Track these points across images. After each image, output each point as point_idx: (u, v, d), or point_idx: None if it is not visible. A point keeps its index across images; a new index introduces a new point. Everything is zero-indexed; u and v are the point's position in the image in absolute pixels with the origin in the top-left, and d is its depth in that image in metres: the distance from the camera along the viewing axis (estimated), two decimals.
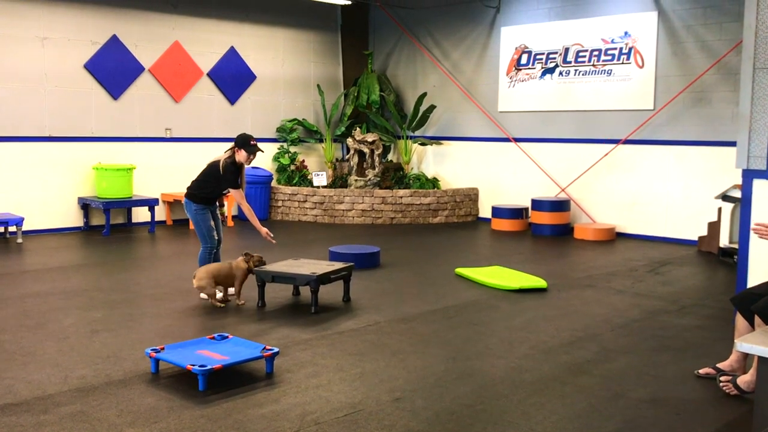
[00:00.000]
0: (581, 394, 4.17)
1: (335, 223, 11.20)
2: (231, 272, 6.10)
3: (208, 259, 6.40)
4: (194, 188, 6.42)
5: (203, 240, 6.41)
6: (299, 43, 12.54)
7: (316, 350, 4.91)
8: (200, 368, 4.11)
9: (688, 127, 9.64)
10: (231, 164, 6.30)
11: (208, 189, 6.39)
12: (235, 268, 6.11)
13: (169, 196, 10.80)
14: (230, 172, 6.29)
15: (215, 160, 6.42)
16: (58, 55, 9.86)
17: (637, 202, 10.16)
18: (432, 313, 5.94)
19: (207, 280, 5.96)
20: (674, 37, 9.71)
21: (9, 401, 3.95)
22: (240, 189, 6.38)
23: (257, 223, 6.43)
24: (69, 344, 4.97)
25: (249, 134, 6.39)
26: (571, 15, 10.70)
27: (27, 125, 9.68)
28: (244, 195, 6.46)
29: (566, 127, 10.85)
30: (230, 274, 6.09)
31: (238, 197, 6.39)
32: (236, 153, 6.31)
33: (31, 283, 6.85)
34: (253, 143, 6.30)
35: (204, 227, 6.39)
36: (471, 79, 11.99)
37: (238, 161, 6.32)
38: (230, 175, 6.29)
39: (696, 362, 4.75)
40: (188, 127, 11.21)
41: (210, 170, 6.39)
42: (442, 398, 4.08)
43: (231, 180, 6.31)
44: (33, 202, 9.73)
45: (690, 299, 6.58)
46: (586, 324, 5.68)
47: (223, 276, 6.07)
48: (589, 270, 7.87)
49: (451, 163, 12.32)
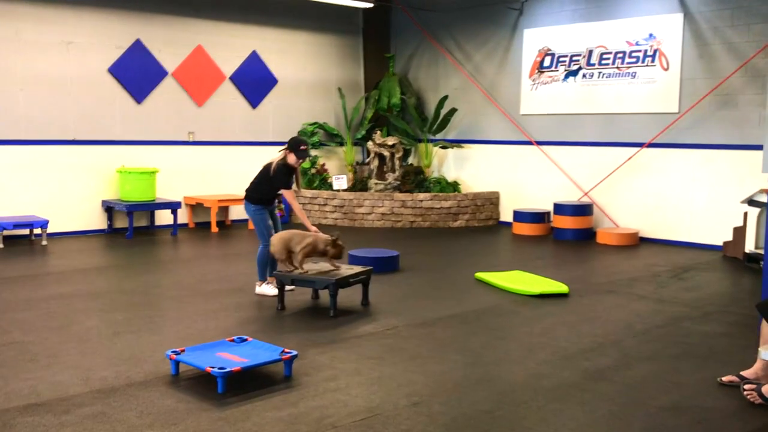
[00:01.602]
0: (601, 401, 4.13)
1: (355, 226, 11.22)
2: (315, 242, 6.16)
3: (266, 255, 6.59)
4: (251, 190, 6.67)
5: (261, 238, 6.61)
6: (321, 46, 12.58)
7: (334, 354, 4.91)
8: (219, 370, 4.13)
9: (713, 130, 9.52)
10: (282, 166, 6.55)
11: (263, 190, 6.63)
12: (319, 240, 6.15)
13: (191, 199, 10.88)
14: (282, 174, 6.53)
15: (269, 162, 6.65)
16: (83, 60, 9.99)
17: (661, 207, 10.05)
18: (451, 318, 5.92)
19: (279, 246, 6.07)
20: (700, 39, 9.60)
21: (32, 401, 3.99)
22: (291, 189, 6.59)
23: (307, 221, 6.53)
24: (91, 346, 5.02)
25: (301, 138, 6.73)
26: (595, 17, 10.62)
27: (52, 129, 9.80)
28: (294, 195, 6.65)
29: (589, 130, 10.77)
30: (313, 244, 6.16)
31: (289, 197, 6.59)
32: (287, 156, 6.56)
33: (55, 285, 6.93)
34: (303, 148, 6.56)
35: (262, 226, 6.60)
36: (493, 82, 11.95)
37: (290, 164, 6.56)
38: (281, 176, 6.54)
39: (719, 370, 4.67)
40: (210, 130, 11.29)
41: (263, 172, 6.65)
42: (460, 403, 4.06)
43: (282, 181, 6.55)
44: (58, 204, 9.86)
45: (714, 305, 6.49)
46: (608, 330, 5.62)
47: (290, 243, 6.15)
48: (611, 275, 7.80)
49: (472, 166, 12.28)
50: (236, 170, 11.52)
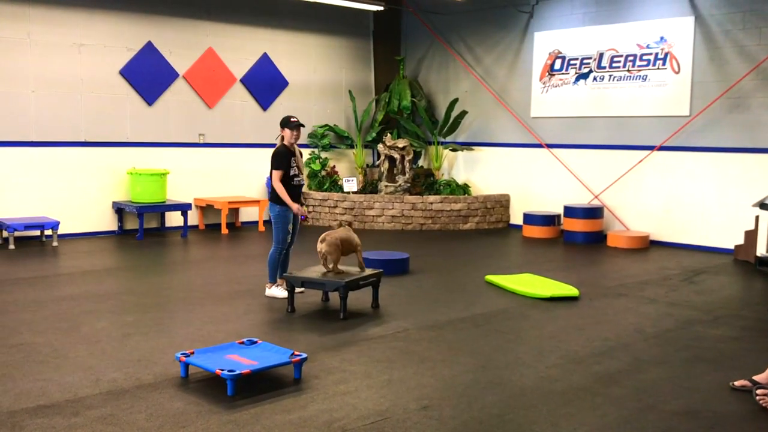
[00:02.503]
0: (612, 406, 4.10)
1: (365, 228, 11.21)
2: (350, 239, 6.23)
3: (278, 259, 6.62)
4: (272, 191, 6.66)
5: (276, 241, 6.61)
6: (331, 49, 12.59)
7: (344, 356, 4.90)
8: (229, 373, 4.13)
9: (724, 133, 9.47)
10: (280, 147, 6.58)
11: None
12: (352, 237, 6.27)
13: (201, 200, 10.91)
14: (278, 154, 6.55)
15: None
16: (94, 62, 10.03)
17: (672, 210, 10.00)
18: (461, 321, 5.90)
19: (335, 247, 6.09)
20: (711, 42, 9.55)
21: (42, 403, 4.00)
22: (279, 170, 6.49)
23: (289, 200, 6.50)
24: (101, 347, 5.03)
25: (288, 115, 6.73)
26: (605, 20, 10.59)
27: (63, 130, 9.85)
28: (279, 176, 6.49)
29: (600, 133, 10.73)
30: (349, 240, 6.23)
31: (274, 177, 6.53)
32: (283, 135, 6.60)
33: (66, 286, 6.96)
34: (293, 120, 6.59)
35: (282, 229, 6.60)
36: (503, 85, 11.93)
37: (288, 143, 6.58)
38: (276, 156, 6.55)
39: (731, 374, 4.64)
40: (221, 132, 11.31)
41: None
42: (470, 407, 4.04)
43: (275, 162, 6.55)
44: (68, 206, 9.90)
45: (725, 309, 6.45)
46: (618, 333, 5.59)
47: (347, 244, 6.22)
48: (622, 278, 7.76)
49: (483, 169, 12.26)
50: (247, 172, 11.55)
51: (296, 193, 6.65)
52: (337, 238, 6.12)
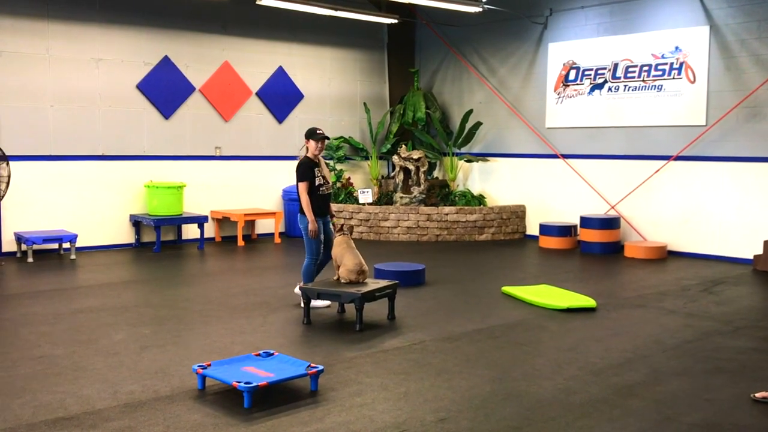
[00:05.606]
0: (631, 418, 4.06)
1: (380, 240, 11.21)
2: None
3: (313, 269, 6.65)
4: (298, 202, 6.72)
5: (309, 252, 6.65)
6: (346, 61, 12.65)
7: (360, 368, 4.90)
8: (245, 385, 4.13)
9: (741, 143, 9.40)
10: (304, 158, 6.63)
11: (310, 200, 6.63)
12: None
13: (218, 213, 10.96)
14: (303, 165, 6.60)
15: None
16: (112, 76, 10.13)
17: (690, 220, 9.93)
18: (478, 333, 5.88)
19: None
20: (727, 51, 9.50)
21: (60, 415, 4.02)
22: (305, 182, 6.54)
23: (311, 215, 6.54)
24: (118, 360, 5.06)
25: (313, 126, 6.76)
26: (620, 30, 10.57)
27: (81, 144, 9.95)
28: (305, 188, 6.54)
29: (616, 143, 10.69)
30: None
31: (300, 189, 6.57)
32: (308, 146, 6.64)
33: (84, 299, 7.01)
34: (319, 132, 6.65)
35: (313, 240, 6.62)
36: (518, 96, 11.92)
37: (312, 155, 6.63)
38: (301, 168, 6.60)
39: (752, 386, 4.59)
40: (237, 145, 11.38)
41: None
42: (487, 419, 4.02)
43: (300, 174, 6.58)
44: (86, 219, 9.98)
45: (745, 320, 6.38)
46: (637, 345, 5.55)
47: None
48: (639, 289, 7.70)
49: (498, 179, 12.24)
50: (262, 184, 11.60)
51: (324, 203, 6.71)
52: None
